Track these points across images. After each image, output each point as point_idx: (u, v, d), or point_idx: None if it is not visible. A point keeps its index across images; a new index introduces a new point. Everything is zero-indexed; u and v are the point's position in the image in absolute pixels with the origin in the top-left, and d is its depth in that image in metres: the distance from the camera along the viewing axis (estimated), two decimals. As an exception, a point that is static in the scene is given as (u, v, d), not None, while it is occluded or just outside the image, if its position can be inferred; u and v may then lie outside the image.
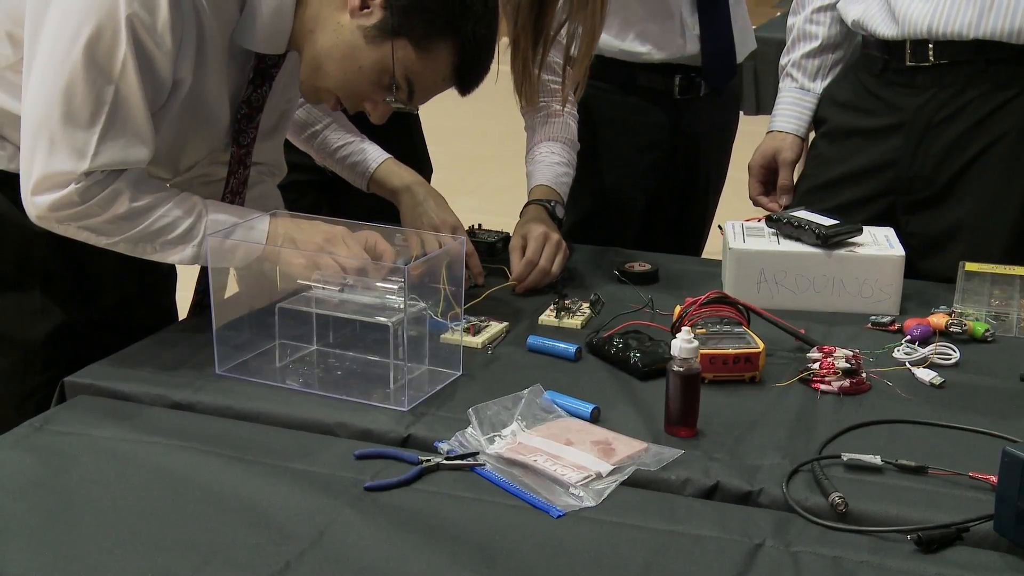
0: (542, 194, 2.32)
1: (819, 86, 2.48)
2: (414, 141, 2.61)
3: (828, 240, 2.06)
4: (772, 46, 3.16)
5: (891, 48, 2.27)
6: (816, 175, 2.45)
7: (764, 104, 4.04)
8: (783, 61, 2.54)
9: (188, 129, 1.84)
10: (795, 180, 2.53)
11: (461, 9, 1.76)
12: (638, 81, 2.61)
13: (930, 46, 2.21)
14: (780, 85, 2.54)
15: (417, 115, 2.49)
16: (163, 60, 1.71)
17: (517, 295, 2.14)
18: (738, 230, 2.16)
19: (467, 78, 1.84)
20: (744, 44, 2.71)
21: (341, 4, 1.77)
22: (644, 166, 2.68)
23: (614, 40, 2.56)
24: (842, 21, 2.40)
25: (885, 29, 2.26)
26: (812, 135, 2.53)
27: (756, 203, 2.53)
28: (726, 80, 2.68)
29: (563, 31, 2.26)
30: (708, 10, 2.57)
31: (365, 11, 1.76)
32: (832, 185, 2.39)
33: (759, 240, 2.11)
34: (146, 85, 1.70)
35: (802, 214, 2.13)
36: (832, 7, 2.43)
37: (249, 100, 1.90)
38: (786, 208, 2.38)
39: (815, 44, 2.47)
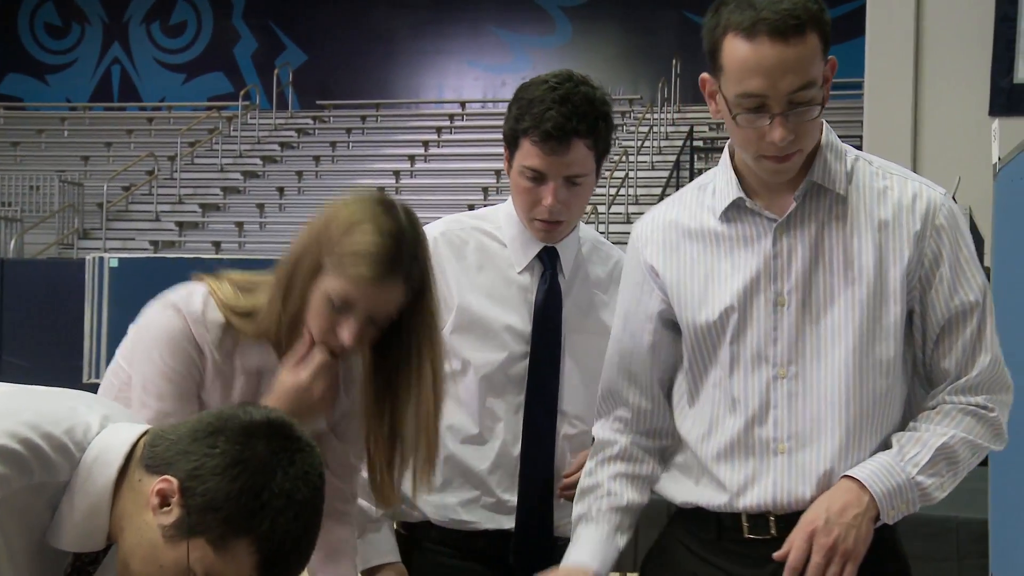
0: None
1: (622, 542, 2.24)
2: None
3: None
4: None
5: (724, 518, 2.15)
6: None
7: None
8: (580, 509, 2.26)
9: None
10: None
11: (256, 507, 1.68)
12: (473, 545, 2.50)
13: (771, 519, 2.10)
14: (577, 531, 2.24)
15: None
16: None
17: None
18: None
19: (274, 574, 1.74)
20: None
21: (145, 502, 1.71)
22: None
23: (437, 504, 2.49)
24: (645, 490, 2.28)
25: (718, 500, 2.15)
26: None
27: None
28: (539, 564, 2.37)
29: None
30: (528, 483, 2.50)
31: (164, 509, 1.70)
32: None
33: None
34: None
35: None
36: (636, 477, 2.26)
37: None
38: None
39: (622, 503, 2.25)
